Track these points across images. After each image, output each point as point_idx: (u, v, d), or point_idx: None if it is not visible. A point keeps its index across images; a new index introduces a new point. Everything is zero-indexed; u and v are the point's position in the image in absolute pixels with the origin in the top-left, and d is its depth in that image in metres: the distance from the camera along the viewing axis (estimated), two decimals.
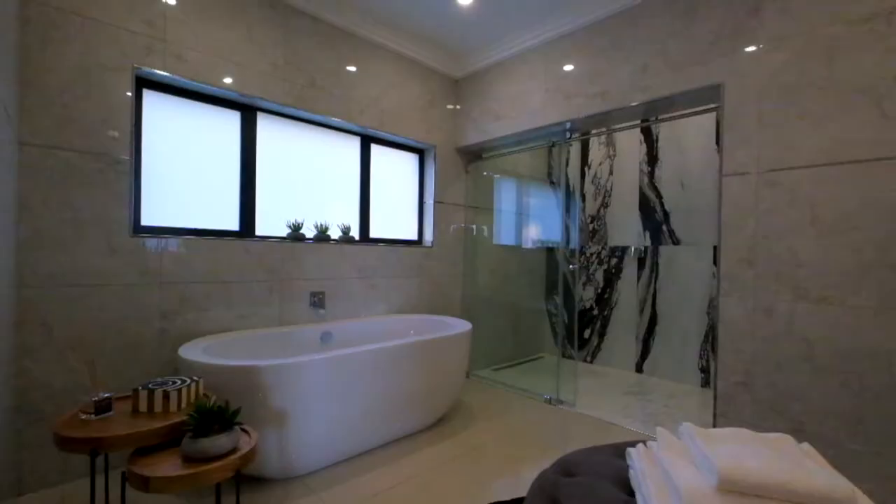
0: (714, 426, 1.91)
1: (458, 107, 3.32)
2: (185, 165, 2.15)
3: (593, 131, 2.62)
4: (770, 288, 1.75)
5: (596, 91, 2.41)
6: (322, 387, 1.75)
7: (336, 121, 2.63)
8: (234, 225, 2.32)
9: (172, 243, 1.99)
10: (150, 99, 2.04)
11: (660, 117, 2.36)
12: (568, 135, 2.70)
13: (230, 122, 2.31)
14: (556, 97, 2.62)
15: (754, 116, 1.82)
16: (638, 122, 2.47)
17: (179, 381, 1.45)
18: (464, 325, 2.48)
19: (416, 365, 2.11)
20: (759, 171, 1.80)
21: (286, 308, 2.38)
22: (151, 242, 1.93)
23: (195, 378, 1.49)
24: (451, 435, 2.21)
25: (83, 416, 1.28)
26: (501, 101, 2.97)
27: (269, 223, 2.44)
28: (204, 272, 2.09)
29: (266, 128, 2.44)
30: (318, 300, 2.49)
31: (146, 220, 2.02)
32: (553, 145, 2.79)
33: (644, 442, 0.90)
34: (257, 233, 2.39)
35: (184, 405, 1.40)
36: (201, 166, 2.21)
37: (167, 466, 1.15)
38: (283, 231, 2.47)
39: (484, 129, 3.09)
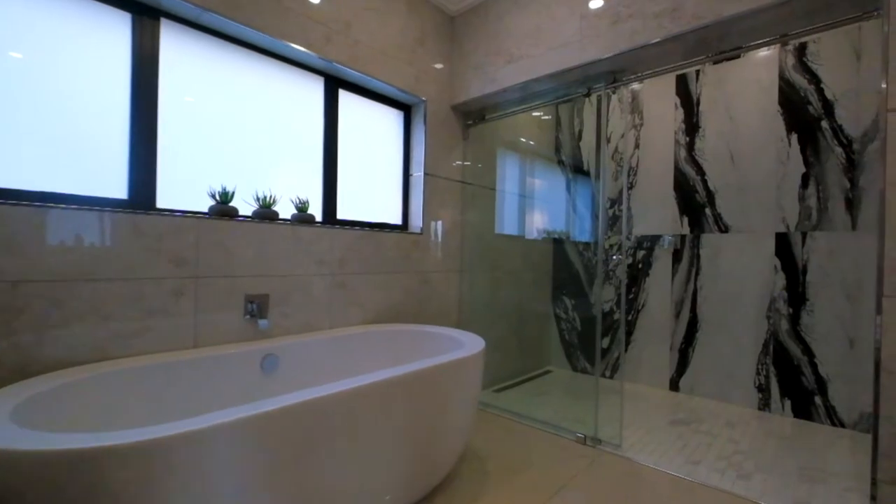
0: (874, 497, 1.25)
1: (453, 50, 2.56)
2: (34, 88, 1.30)
3: (645, 71, 1.91)
4: None
5: (660, 8, 1.72)
6: (252, 467, 0.95)
7: (288, 46, 1.81)
8: (118, 191, 1.48)
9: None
10: None
11: (778, 39, 1.68)
12: (612, 78, 1.99)
13: (116, 28, 1.47)
14: (598, 25, 1.91)
15: None
16: (724, 52, 1.76)
17: None
18: (474, 343, 1.73)
19: (411, 406, 1.34)
20: None
21: (204, 320, 1.56)
22: None
23: None
24: None
25: None
26: (516, 39, 2.23)
27: (179, 191, 1.61)
28: (57, 263, 1.24)
29: (177, 45, 1.60)
30: (257, 307, 1.67)
31: None
32: (588, 94, 2.07)
33: None
34: (159, 204, 1.55)
35: None
36: (63, 93, 1.36)
37: None
38: (204, 203, 1.65)
39: (491, 77, 2.34)
